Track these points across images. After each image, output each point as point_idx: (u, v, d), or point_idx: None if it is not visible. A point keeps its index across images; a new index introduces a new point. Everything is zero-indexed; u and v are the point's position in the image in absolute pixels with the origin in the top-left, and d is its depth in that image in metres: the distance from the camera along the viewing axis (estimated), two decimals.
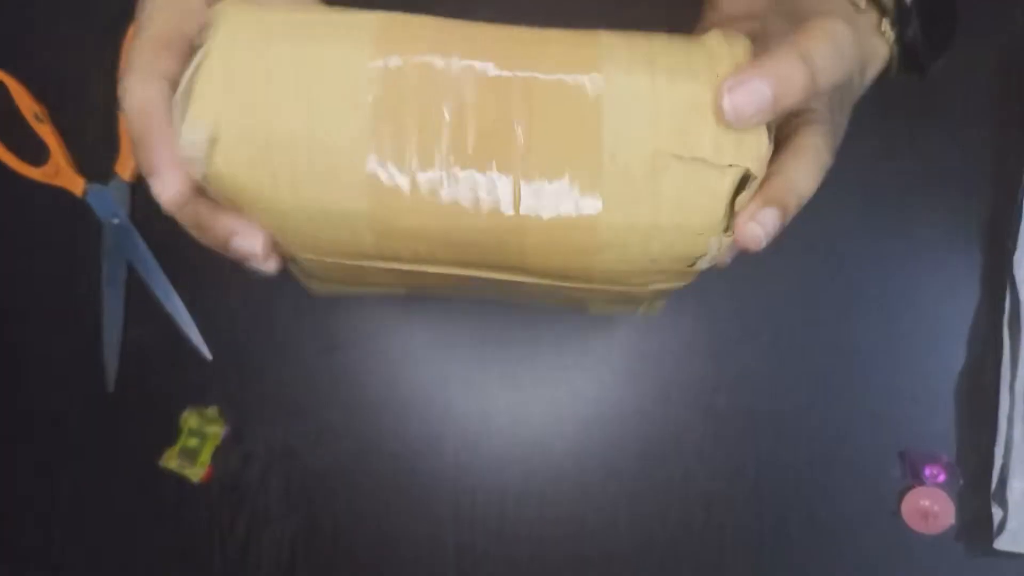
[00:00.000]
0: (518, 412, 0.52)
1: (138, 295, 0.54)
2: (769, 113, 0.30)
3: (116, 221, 0.53)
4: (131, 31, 0.53)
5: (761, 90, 0.29)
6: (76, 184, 0.53)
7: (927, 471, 0.50)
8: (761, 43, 0.33)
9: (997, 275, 0.51)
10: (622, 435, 0.52)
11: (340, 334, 0.53)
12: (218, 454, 0.52)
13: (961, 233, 0.52)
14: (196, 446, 0.52)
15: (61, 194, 0.54)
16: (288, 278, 0.53)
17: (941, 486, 0.50)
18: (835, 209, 0.50)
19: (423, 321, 0.53)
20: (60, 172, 0.53)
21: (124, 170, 0.53)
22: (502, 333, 0.53)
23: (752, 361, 0.52)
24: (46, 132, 0.54)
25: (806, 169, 0.33)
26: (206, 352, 0.53)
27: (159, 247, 0.54)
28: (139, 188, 0.54)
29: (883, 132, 0.50)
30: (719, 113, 0.30)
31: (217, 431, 0.52)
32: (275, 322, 0.53)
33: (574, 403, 0.52)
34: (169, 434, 0.52)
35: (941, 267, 0.52)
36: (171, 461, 0.52)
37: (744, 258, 0.34)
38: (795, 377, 0.51)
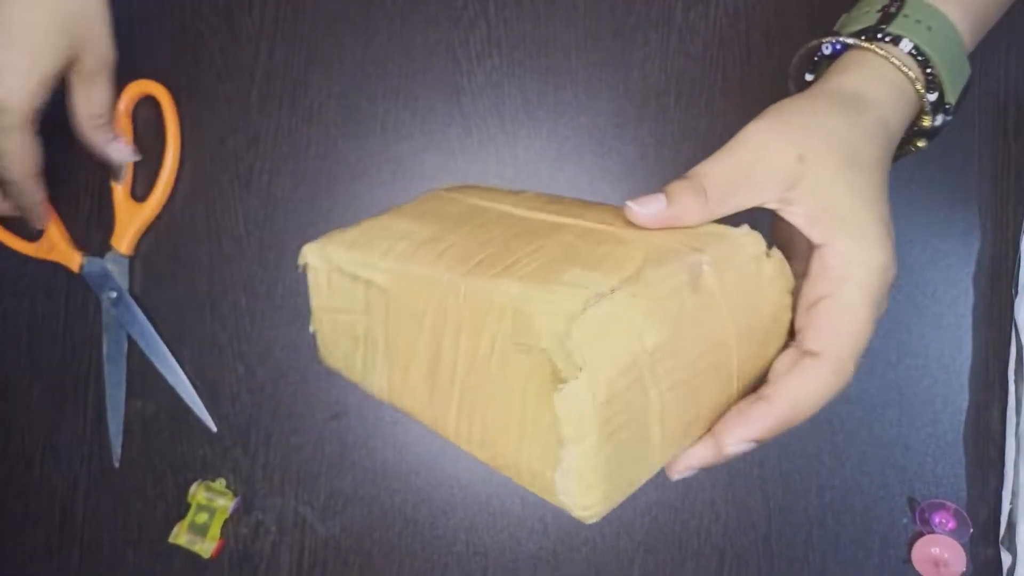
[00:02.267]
0: None
1: (140, 368, 0.53)
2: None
3: (114, 295, 0.53)
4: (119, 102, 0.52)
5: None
6: (72, 259, 0.53)
7: (935, 519, 0.51)
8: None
9: (1000, 321, 0.51)
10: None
11: (346, 400, 0.53)
12: (228, 527, 0.52)
13: (962, 279, 0.52)
14: (205, 521, 0.52)
15: (58, 270, 0.53)
16: (292, 349, 0.53)
17: (951, 533, 0.50)
18: None
19: None
20: (55, 248, 0.53)
21: (120, 243, 0.53)
22: None
23: None
24: None
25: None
26: (211, 424, 0.53)
27: (159, 319, 0.53)
28: (137, 260, 0.53)
29: None
30: None
31: (226, 504, 0.52)
32: (280, 391, 0.53)
33: None
34: (178, 508, 0.52)
35: (943, 315, 0.52)
36: (181, 538, 0.51)
37: None
38: (802, 429, 0.51)
